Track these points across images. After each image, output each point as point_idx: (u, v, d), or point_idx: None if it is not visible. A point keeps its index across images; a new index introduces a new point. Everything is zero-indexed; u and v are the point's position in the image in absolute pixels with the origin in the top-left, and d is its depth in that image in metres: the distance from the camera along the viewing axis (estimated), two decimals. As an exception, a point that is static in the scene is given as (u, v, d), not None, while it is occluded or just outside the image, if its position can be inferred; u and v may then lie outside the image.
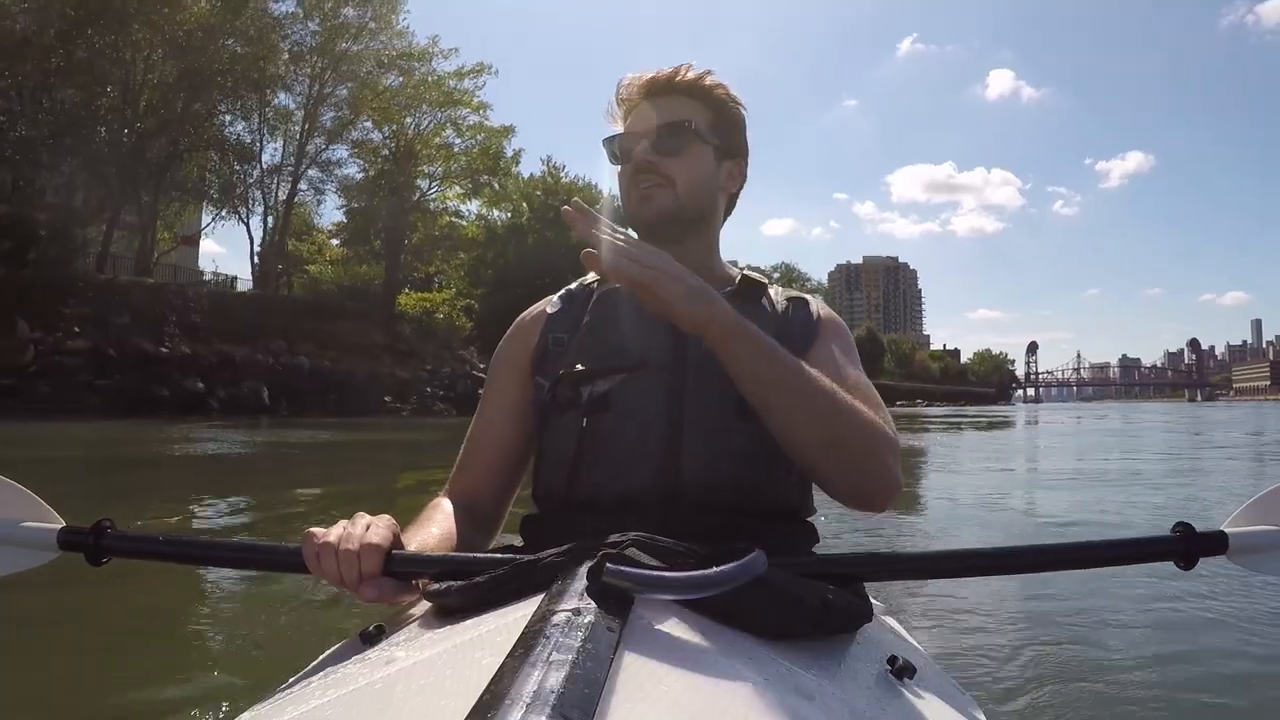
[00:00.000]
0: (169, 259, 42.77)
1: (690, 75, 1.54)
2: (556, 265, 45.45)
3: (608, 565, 0.76)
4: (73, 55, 32.25)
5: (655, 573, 0.78)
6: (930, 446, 20.56)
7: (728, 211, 1.65)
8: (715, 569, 0.79)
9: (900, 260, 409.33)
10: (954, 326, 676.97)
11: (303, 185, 45.44)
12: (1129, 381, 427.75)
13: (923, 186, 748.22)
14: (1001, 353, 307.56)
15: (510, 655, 0.63)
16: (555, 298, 1.61)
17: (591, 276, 1.60)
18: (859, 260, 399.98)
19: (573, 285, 1.62)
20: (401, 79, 45.05)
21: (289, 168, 44.18)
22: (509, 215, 51.99)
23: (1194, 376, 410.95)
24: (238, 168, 43.11)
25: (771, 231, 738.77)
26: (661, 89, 1.53)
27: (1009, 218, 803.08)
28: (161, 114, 36.62)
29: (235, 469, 13.19)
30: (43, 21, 30.43)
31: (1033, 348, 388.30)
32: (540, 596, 0.79)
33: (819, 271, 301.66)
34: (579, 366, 1.42)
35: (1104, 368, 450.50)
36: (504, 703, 0.55)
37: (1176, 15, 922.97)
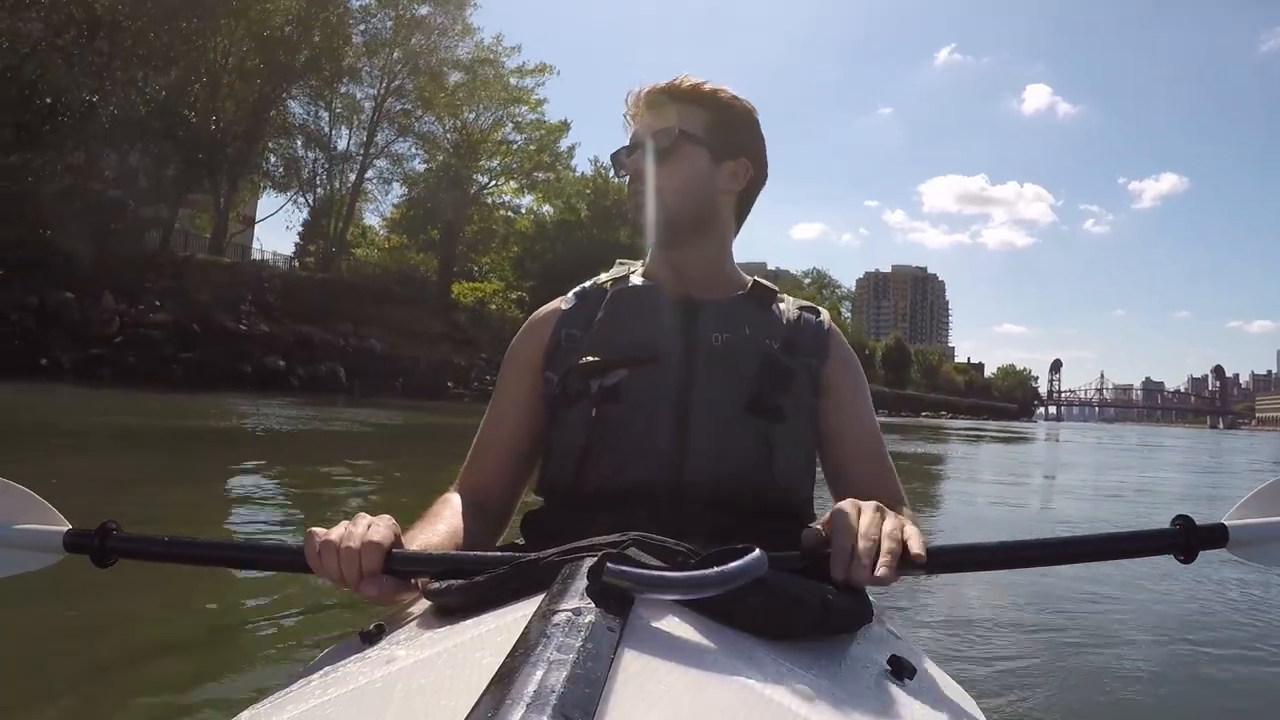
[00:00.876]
0: (237, 240, 44.03)
1: (686, 84, 1.56)
2: (607, 262, 46.46)
3: (608, 565, 0.76)
4: (162, 41, 33.42)
5: (656, 573, 0.78)
6: (955, 457, 21.51)
7: (741, 212, 1.65)
8: (716, 569, 0.80)
9: (929, 271, 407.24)
10: (979, 339, 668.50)
11: (369, 174, 46.62)
12: (1151, 405, 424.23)
13: (954, 197, 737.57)
14: (1025, 369, 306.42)
15: (510, 655, 0.63)
16: (570, 295, 1.63)
17: (606, 275, 1.64)
18: (888, 269, 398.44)
19: (587, 284, 1.64)
20: (465, 76, 46.06)
21: (358, 155, 45.33)
22: (561, 211, 52.93)
23: (1217, 403, 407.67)
24: (307, 155, 44.38)
25: (801, 235, 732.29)
26: (654, 100, 1.56)
27: (1040, 233, 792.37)
28: (242, 101, 37.84)
29: (375, 445, 14.11)
30: (135, 6, 31.53)
31: (1056, 365, 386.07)
32: (541, 596, 0.80)
33: (847, 278, 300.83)
34: (590, 359, 1.44)
35: (1127, 389, 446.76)
36: (504, 702, 0.55)
37: (1216, 37, 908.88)
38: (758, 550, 0.83)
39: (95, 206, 31.02)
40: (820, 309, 1.66)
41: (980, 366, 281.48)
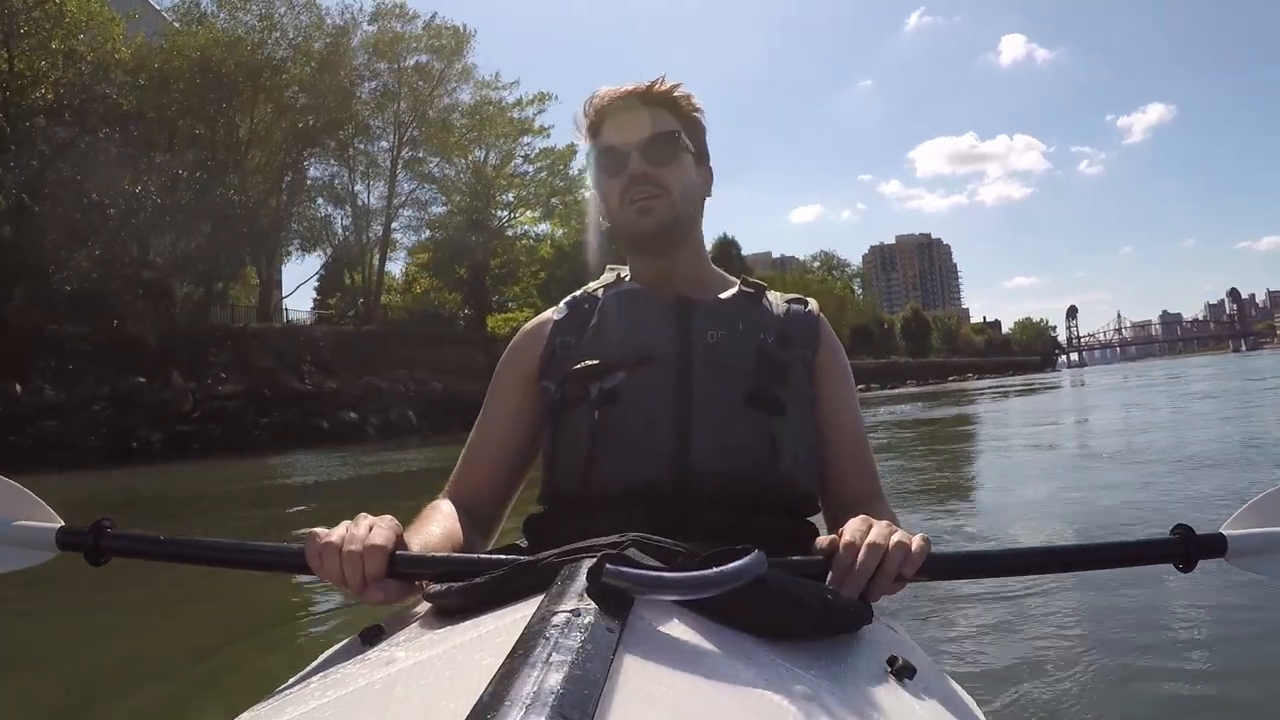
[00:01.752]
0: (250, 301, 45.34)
1: (665, 86, 1.56)
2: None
3: (607, 566, 0.76)
4: (187, 124, 34.83)
5: (655, 573, 0.79)
6: (984, 418, 22.06)
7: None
8: (715, 569, 0.80)
9: (933, 236, 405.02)
10: (990, 298, 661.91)
11: (395, 224, 47.76)
12: (1171, 338, 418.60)
13: (946, 160, 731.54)
14: (1042, 319, 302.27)
15: (510, 656, 0.63)
16: (561, 304, 1.63)
17: (595, 283, 1.65)
18: (892, 240, 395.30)
19: (577, 292, 1.64)
20: (469, 119, 47.33)
21: (382, 208, 46.46)
22: (578, 231, 53.70)
23: (1236, 327, 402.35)
24: (334, 213, 45.65)
25: (800, 219, 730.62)
26: (641, 101, 1.55)
27: (1036, 182, 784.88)
28: (266, 172, 39.18)
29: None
30: (161, 99, 32.81)
31: (1072, 312, 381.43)
32: (540, 597, 0.79)
33: (853, 255, 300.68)
34: (587, 363, 1.44)
35: (1145, 325, 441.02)
36: (504, 703, 0.55)
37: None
38: (757, 550, 0.83)
39: (155, 293, 32.45)
40: (808, 300, 1.68)
41: (997, 324, 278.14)
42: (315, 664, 1.09)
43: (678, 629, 0.77)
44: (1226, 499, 6.39)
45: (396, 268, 56.08)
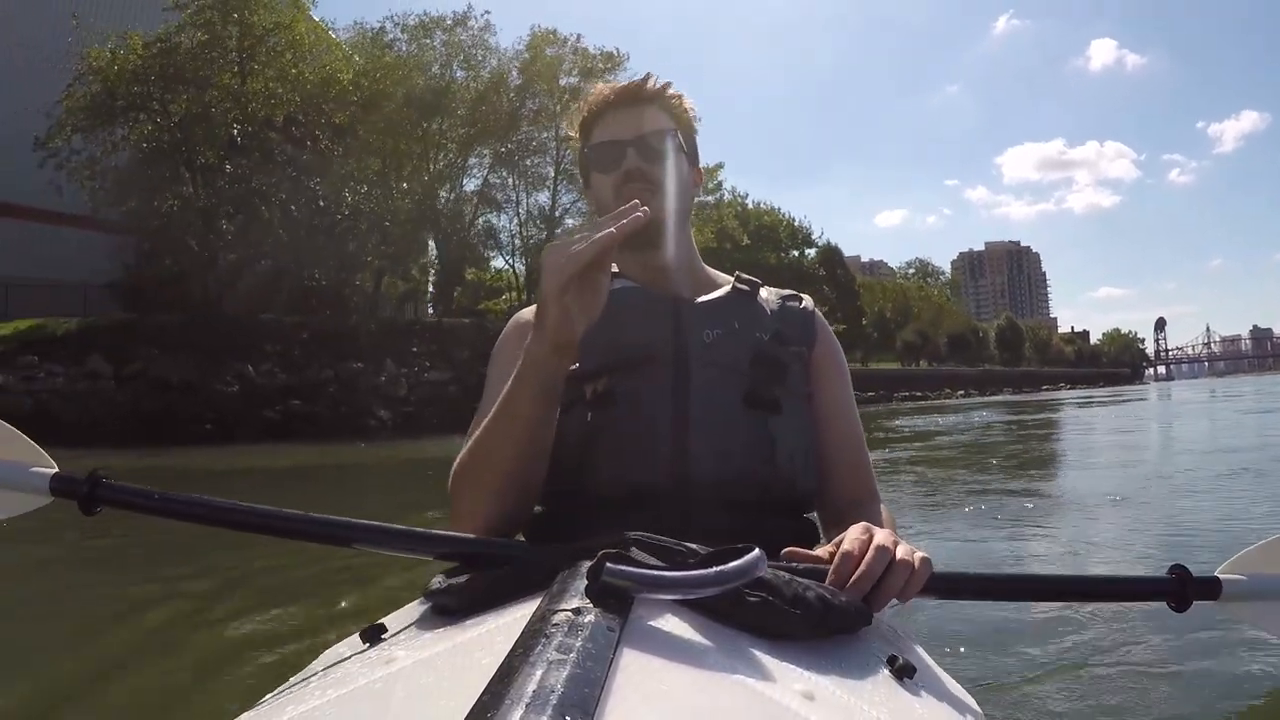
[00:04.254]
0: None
1: (659, 85, 1.58)
2: (780, 279, 50.05)
3: (608, 565, 0.76)
4: (396, 144, 37.85)
5: (655, 572, 0.79)
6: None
7: None
8: (715, 569, 0.80)
9: (1022, 244, 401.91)
10: (1077, 307, 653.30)
11: (558, 231, 51.02)
12: (1262, 354, 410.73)
13: (1034, 166, 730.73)
14: (1130, 331, 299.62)
15: (510, 655, 0.64)
16: None
17: None
18: (980, 247, 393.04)
19: None
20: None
21: (549, 214, 49.89)
22: (711, 238, 56.36)
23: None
24: (502, 220, 49.51)
25: (885, 223, 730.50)
26: (636, 98, 1.57)
27: (1125, 190, 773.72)
28: (451, 180, 43.36)
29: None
30: (368, 112, 35.71)
31: (1160, 324, 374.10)
32: (540, 596, 0.80)
33: (939, 260, 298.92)
34: (581, 364, 1.42)
35: (1235, 340, 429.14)
36: (504, 703, 0.55)
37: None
38: (757, 550, 0.83)
39: (362, 288, 36.79)
40: (803, 295, 1.68)
41: (1085, 334, 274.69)
42: (315, 663, 1.09)
43: (678, 628, 0.77)
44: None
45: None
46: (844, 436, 1.60)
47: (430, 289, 47.58)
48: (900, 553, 1.09)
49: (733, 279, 1.66)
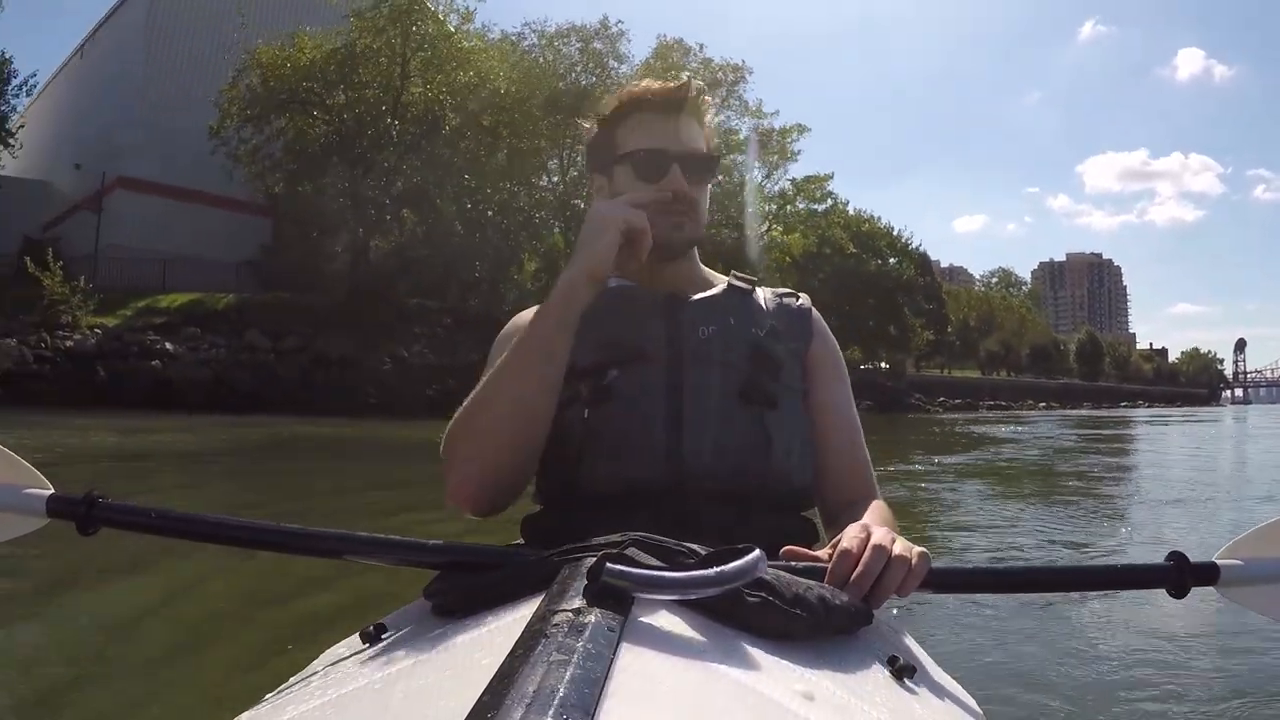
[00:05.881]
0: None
1: (705, 100, 1.56)
2: (881, 286, 53.80)
3: (607, 565, 0.76)
4: (538, 148, 39.99)
5: (655, 573, 0.79)
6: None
7: None
8: (715, 569, 0.80)
9: (1104, 256, 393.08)
10: (1154, 322, 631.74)
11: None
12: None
13: (1116, 176, 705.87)
14: (1209, 351, 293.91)
15: (510, 655, 0.64)
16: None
17: None
18: (1061, 258, 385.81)
19: None
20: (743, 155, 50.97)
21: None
22: (815, 244, 56.52)
23: None
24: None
25: (964, 228, 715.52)
26: (684, 108, 1.54)
27: (1210, 205, 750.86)
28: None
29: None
30: (513, 118, 37.54)
31: (1240, 345, 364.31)
32: (540, 597, 0.80)
33: (1018, 268, 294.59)
34: (576, 360, 1.40)
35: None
36: (504, 703, 0.55)
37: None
38: (757, 550, 0.83)
39: (492, 278, 38.92)
40: (800, 294, 1.68)
41: (1164, 352, 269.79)
42: (315, 663, 1.10)
43: (678, 628, 0.77)
44: None
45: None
46: (842, 434, 1.59)
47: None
48: (898, 549, 1.09)
49: (728, 278, 1.64)
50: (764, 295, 1.63)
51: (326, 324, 29.95)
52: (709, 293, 1.57)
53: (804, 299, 1.67)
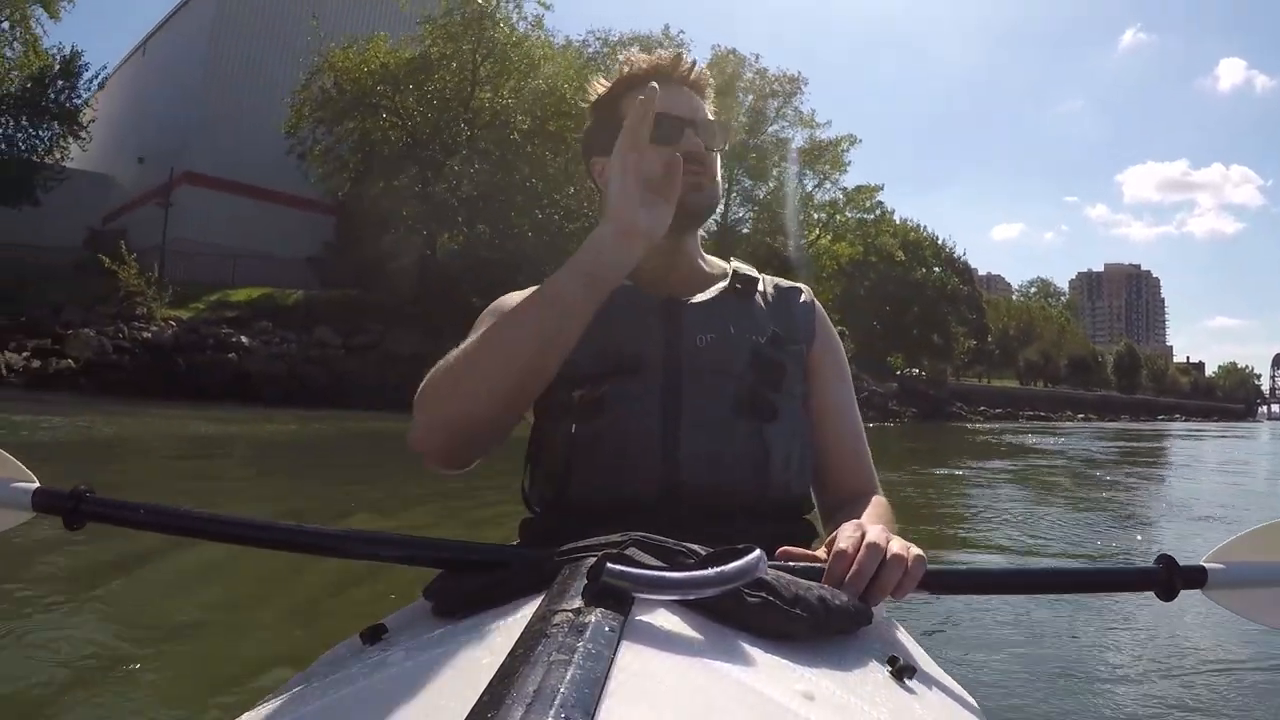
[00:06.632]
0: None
1: (704, 75, 1.55)
2: (925, 295, 53.93)
3: (608, 565, 0.76)
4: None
5: (655, 573, 0.79)
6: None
7: None
8: (715, 569, 0.80)
9: (1142, 268, 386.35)
10: (1191, 334, 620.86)
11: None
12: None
13: (1155, 186, 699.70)
14: (1247, 366, 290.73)
15: (510, 655, 0.64)
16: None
17: None
18: (1099, 268, 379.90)
19: None
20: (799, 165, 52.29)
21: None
22: (862, 252, 56.55)
23: None
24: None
25: (1002, 236, 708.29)
26: (684, 81, 1.52)
27: (1250, 218, 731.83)
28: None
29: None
30: (577, 122, 37.97)
31: (1278, 360, 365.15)
32: (540, 597, 0.80)
33: (1055, 277, 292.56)
34: (569, 368, 1.33)
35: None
36: (504, 703, 0.55)
37: None
38: (757, 550, 0.83)
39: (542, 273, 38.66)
40: (803, 286, 1.64)
41: (1200, 365, 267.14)
42: (316, 663, 1.09)
43: (679, 628, 0.77)
44: None
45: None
46: (843, 431, 1.57)
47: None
48: (894, 549, 1.08)
49: (730, 266, 1.60)
50: (766, 290, 1.59)
51: (396, 321, 30.29)
52: (708, 295, 1.52)
53: (806, 292, 1.63)
